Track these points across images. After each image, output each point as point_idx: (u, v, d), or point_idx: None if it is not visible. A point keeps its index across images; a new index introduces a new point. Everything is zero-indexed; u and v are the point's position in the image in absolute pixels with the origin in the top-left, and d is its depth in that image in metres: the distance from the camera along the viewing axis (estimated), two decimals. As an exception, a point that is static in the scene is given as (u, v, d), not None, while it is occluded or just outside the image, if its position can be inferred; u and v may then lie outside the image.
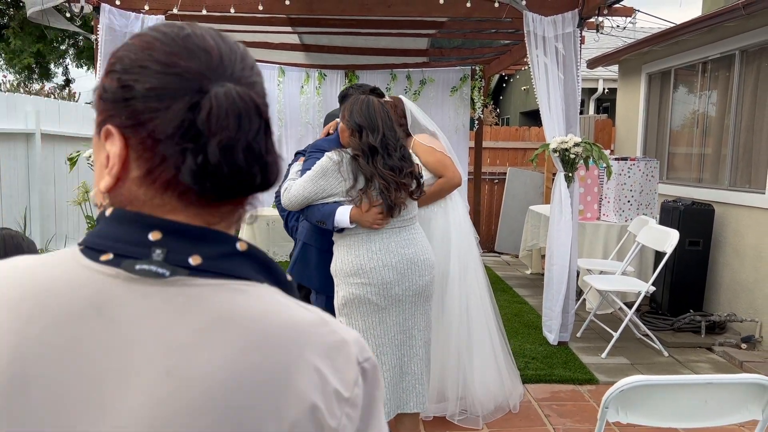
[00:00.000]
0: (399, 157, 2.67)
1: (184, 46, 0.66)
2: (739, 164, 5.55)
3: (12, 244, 2.05)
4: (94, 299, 0.62)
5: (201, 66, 0.65)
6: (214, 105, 0.63)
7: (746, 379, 1.78)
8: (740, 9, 4.89)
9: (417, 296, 2.74)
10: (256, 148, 0.65)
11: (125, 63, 0.66)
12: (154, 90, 0.64)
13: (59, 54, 13.38)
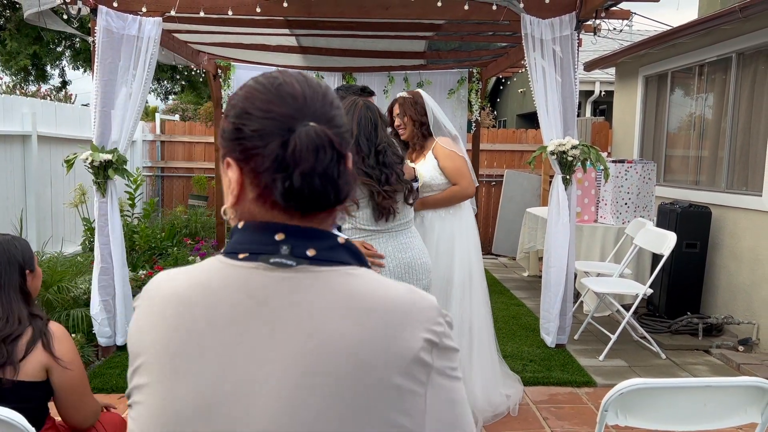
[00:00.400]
0: (372, 164, 2.57)
1: (277, 94, 0.86)
2: (735, 167, 5.56)
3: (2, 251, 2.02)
4: (243, 285, 0.85)
5: (290, 110, 0.85)
6: (297, 143, 0.83)
7: (745, 382, 1.78)
8: (737, 12, 4.90)
9: None
10: (330, 174, 0.84)
11: (236, 110, 0.87)
12: (257, 132, 0.85)
13: (56, 56, 13.35)
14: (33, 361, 1.92)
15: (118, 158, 4.38)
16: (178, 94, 17.22)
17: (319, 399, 0.80)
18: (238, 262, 0.87)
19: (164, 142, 10.06)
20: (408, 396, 0.83)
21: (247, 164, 0.86)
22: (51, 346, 1.95)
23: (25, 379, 1.91)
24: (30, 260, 2.07)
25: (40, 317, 2.00)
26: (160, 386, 0.84)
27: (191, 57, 6.65)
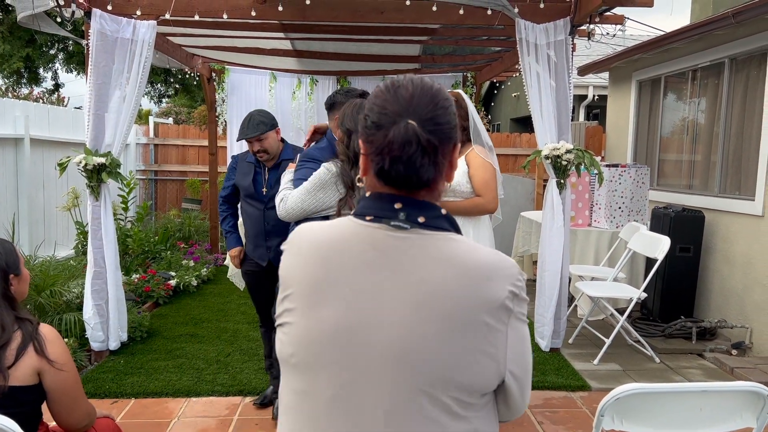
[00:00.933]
0: None
1: (394, 94, 1.11)
2: (728, 171, 5.59)
3: None
4: (369, 239, 1.12)
5: (399, 108, 1.09)
6: (392, 136, 1.08)
7: (741, 386, 1.79)
8: (729, 17, 4.93)
9: None
10: (413, 163, 1.09)
11: (368, 105, 1.14)
12: (374, 123, 1.11)
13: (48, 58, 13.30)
14: (24, 366, 1.90)
15: (111, 162, 4.36)
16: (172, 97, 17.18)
17: (428, 328, 1.06)
18: (365, 222, 1.15)
19: (158, 145, 10.03)
20: (494, 331, 1.10)
21: (367, 147, 1.14)
22: (44, 349, 1.93)
23: (16, 384, 1.89)
24: (14, 264, 2.03)
25: (29, 321, 1.97)
26: (307, 310, 1.12)
27: (185, 60, 6.63)
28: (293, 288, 1.15)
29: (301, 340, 1.12)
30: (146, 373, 4.21)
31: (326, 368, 1.10)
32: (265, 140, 3.52)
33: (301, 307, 1.13)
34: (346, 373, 1.09)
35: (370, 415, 1.08)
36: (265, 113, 3.61)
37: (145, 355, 4.55)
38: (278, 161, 3.61)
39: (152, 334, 5.01)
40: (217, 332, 5.17)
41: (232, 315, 5.69)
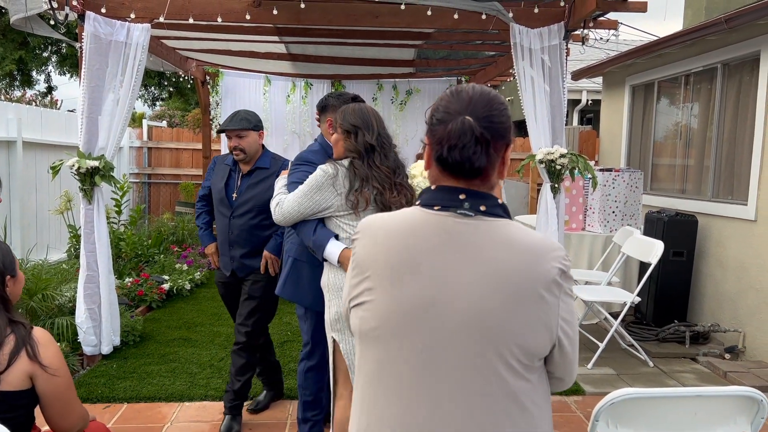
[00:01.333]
0: (394, 158, 2.66)
1: (457, 97, 1.32)
2: (721, 176, 5.62)
3: None
4: (440, 225, 1.30)
5: (460, 107, 1.30)
6: (451, 127, 1.28)
7: (735, 391, 1.79)
8: (722, 23, 4.96)
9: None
10: (467, 152, 1.28)
11: (435, 106, 1.35)
12: (439, 120, 1.31)
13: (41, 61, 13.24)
14: (17, 371, 1.88)
15: (105, 165, 4.35)
16: (166, 100, 17.14)
17: (495, 300, 1.26)
18: (432, 211, 1.34)
19: (151, 148, 10.00)
20: (547, 303, 1.29)
21: (430, 139, 1.34)
22: (36, 354, 1.90)
23: (9, 389, 1.87)
24: (10, 265, 2.01)
25: (23, 324, 1.94)
26: (389, 288, 1.31)
27: (179, 63, 6.62)
28: (371, 270, 1.35)
29: (383, 314, 1.31)
30: (139, 377, 4.19)
31: (408, 337, 1.29)
32: (244, 138, 3.42)
33: (382, 285, 1.32)
34: (427, 340, 1.28)
35: (447, 375, 1.27)
36: (253, 114, 3.54)
37: (138, 359, 4.52)
38: (253, 168, 3.50)
39: (145, 338, 4.98)
40: (211, 336, 5.15)
41: (226, 319, 5.67)
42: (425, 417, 1.27)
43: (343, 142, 2.64)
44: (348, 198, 2.56)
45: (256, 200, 3.45)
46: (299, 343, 4.83)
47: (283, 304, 6.07)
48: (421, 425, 1.27)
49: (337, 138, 2.67)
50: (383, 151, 2.61)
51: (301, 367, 3.04)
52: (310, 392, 3.04)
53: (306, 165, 2.88)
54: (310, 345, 2.99)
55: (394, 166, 2.64)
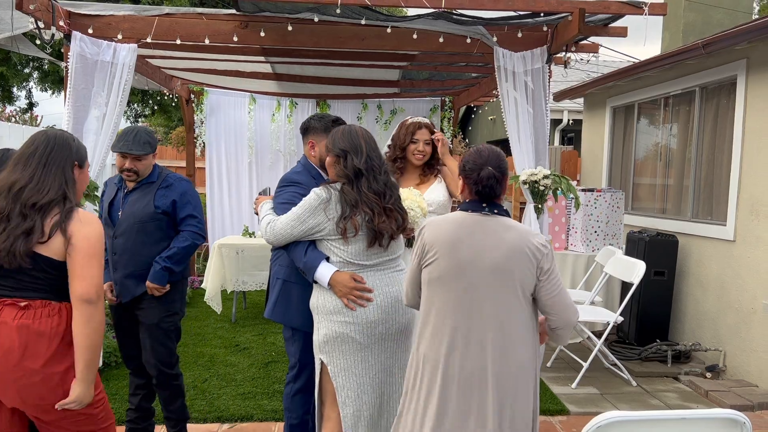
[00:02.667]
0: (384, 181, 2.65)
1: (479, 154, 2.31)
2: (701, 196, 5.72)
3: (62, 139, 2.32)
4: (473, 219, 2.29)
5: (482, 161, 2.29)
6: (482, 174, 2.27)
7: (719, 414, 1.82)
8: (700, 48, 5.09)
9: (399, 333, 2.72)
10: (492, 187, 2.28)
11: (465, 160, 2.34)
12: (471, 169, 2.30)
13: (23, 77, 13.14)
14: (57, 240, 2.15)
15: (89, 184, 4.32)
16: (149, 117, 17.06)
17: (505, 257, 2.20)
18: (468, 213, 2.29)
19: (134, 166, 9.93)
20: (531, 259, 2.22)
21: (465, 180, 2.31)
22: (68, 227, 2.16)
23: (48, 255, 2.15)
24: (81, 158, 2.35)
25: (71, 202, 2.22)
26: (447, 254, 2.24)
27: (164, 82, 6.62)
28: (437, 245, 2.27)
29: (445, 267, 2.25)
30: (121, 399, 4.13)
31: (460, 280, 2.23)
32: (142, 161, 3.20)
33: (444, 253, 2.26)
34: (469, 282, 2.23)
35: (482, 302, 2.22)
36: (152, 135, 3.30)
37: (120, 380, 4.47)
38: (138, 183, 3.25)
39: (127, 359, 4.92)
40: (194, 357, 5.10)
41: (210, 339, 5.63)
42: (470, 324, 2.22)
43: (334, 167, 2.65)
44: (338, 225, 2.57)
45: (136, 216, 3.19)
46: (284, 364, 4.81)
47: (268, 324, 6.04)
48: (468, 328, 2.22)
49: (329, 162, 2.69)
50: (372, 174, 2.61)
51: (288, 390, 3.03)
52: (296, 415, 3.02)
53: (293, 186, 2.92)
54: (297, 367, 2.98)
55: (383, 189, 2.64)
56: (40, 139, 2.28)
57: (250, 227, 6.87)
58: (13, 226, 2.14)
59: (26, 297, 2.16)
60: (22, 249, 2.11)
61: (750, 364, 4.85)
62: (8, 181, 2.20)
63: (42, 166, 2.22)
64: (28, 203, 2.15)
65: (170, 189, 3.25)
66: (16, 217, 2.14)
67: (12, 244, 2.12)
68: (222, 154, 7.80)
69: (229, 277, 6.24)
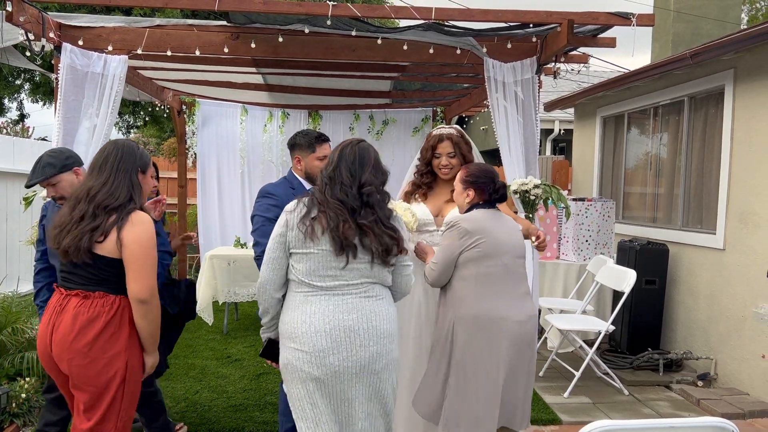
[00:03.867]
0: (354, 195, 2.44)
1: (484, 170, 3.11)
2: (690, 206, 5.75)
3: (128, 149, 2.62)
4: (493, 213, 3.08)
5: (491, 175, 3.09)
6: (498, 184, 3.08)
7: (707, 422, 1.83)
8: (688, 58, 5.14)
9: (360, 368, 2.44)
10: (504, 193, 3.10)
11: (476, 175, 3.08)
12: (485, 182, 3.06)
13: (14, 89, 13.11)
14: (110, 240, 2.44)
15: (79, 196, 4.30)
16: (141, 128, 17.04)
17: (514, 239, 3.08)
18: (486, 210, 3.06)
19: (126, 177, 9.90)
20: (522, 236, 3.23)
21: (479, 189, 3.06)
22: (122, 228, 2.44)
23: (103, 253, 2.44)
24: (144, 165, 2.65)
25: (135, 204, 2.53)
26: (488, 238, 2.96)
27: (156, 93, 6.62)
28: (480, 232, 2.94)
29: (490, 245, 2.94)
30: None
31: (500, 256, 2.95)
32: (58, 184, 3.03)
33: (485, 239, 2.93)
34: (503, 258, 2.97)
35: (509, 266, 2.98)
36: (57, 153, 3.11)
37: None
38: None
39: (118, 371, 4.89)
40: (185, 369, 5.07)
41: (200, 351, 5.60)
42: (509, 298, 2.97)
43: None
44: (303, 223, 2.43)
45: None
46: (276, 376, 4.79)
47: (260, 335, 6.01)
48: (509, 300, 2.96)
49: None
50: (339, 186, 2.45)
51: (283, 396, 3.01)
52: (289, 419, 3.01)
53: (266, 198, 3.10)
54: None
55: (347, 201, 2.44)
56: (110, 148, 2.59)
57: (242, 238, 6.85)
58: (84, 225, 2.44)
59: (88, 290, 2.46)
60: (85, 246, 2.41)
61: (741, 372, 4.87)
62: (86, 187, 2.52)
63: (113, 173, 2.52)
64: (101, 205, 2.46)
65: None
66: (89, 218, 2.45)
67: (79, 240, 2.41)
68: (213, 165, 7.78)
69: (220, 288, 6.22)
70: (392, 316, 2.56)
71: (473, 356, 2.90)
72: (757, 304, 4.73)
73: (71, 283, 2.50)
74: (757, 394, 4.67)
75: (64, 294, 2.51)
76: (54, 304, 2.52)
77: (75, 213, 2.48)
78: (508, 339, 2.88)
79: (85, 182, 2.55)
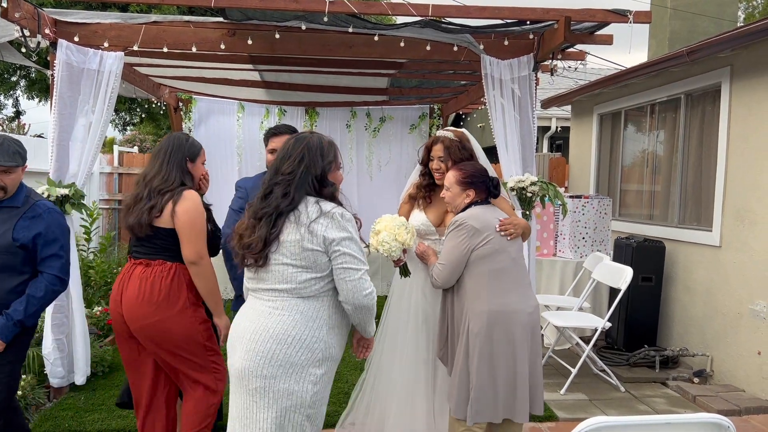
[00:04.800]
0: (262, 196, 2.36)
1: (480, 170, 3.20)
2: (687, 203, 5.76)
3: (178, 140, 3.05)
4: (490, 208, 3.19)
5: (485, 173, 3.19)
6: (494, 181, 3.18)
7: (703, 418, 1.83)
8: (684, 55, 5.14)
9: (238, 378, 2.33)
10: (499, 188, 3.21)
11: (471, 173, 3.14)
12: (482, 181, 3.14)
13: (9, 86, 13.06)
14: (166, 213, 2.85)
15: (75, 193, 4.30)
16: (137, 125, 16.99)
17: None
18: (484, 205, 3.14)
19: (122, 174, 9.89)
20: None
21: (477, 187, 3.11)
22: (176, 202, 2.85)
23: (161, 225, 2.87)
24: (192, 154, 3.04)
25: (186, 186, 2.94)
26: (495, 234, 3.05)
27: (152, 90, 6.60)
28: (488, 229, 3.02)
29: (497, 242, 3.03)
30: (108, 410, 4.09)
31: (507, 250, 3.06)
32: (11, 174, 2.81)
33: (493, 233, 3.03)
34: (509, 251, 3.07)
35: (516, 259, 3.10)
36: (22, 145, 2.91)
37: (107, 390, 4.43)
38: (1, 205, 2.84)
39: (114, 368, 4.88)
40: (182, 366, 5.06)
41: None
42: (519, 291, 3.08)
43: None
44: None
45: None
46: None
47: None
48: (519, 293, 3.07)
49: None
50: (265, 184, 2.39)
51: None
52: None
53: (236, 191, 3.65)
54: None
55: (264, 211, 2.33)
56: (165, 141, 3.03)
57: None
58: (143, 204, 2.85)
59: (150, 258, 2.89)
60: (146, 221, 2.83)
61: (737, 369, 4.88)
62: (143, 173, 2.97)
63: (165, 161, 2.94)
64: (155, 189, 2.88)
65: (36, 220, 2.85)
66: (146, 198, 2.87)
67: (140, 217, 2.83)
68: (210, 162, 7.74)
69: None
70: (293, 332, 2.27)
71: (492, 350, 2.98)
72: (754, 300, 4.74)
73: (138, 253, 2.93)
74: (753, 390, 4.69)
75: (133, 263, 2.93)
76: (123, 273, 2.93)
77: (136, 195, 2.91)
78: (520, 330, 3.01)
79: (144, 169, 2.99)
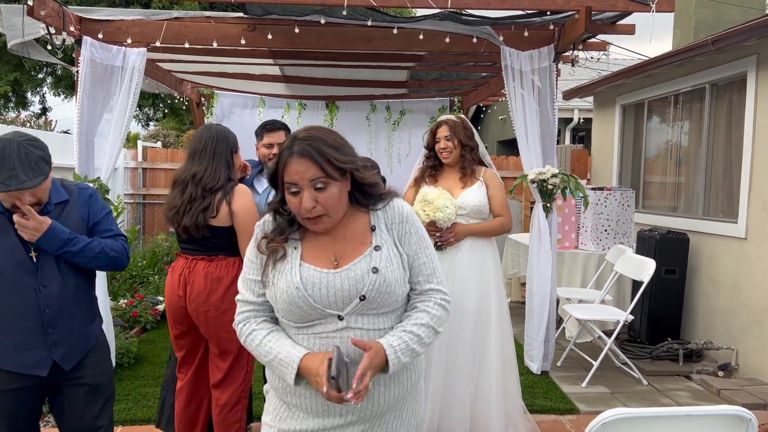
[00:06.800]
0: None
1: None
2: (711, 194, 5.68)
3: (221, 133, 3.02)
4: None
5: None
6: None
7: (725, 410, 1.81)
8: (709, 44, 5.05)
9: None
10: None
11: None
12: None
13: (36, 83, 13.29)
14: (222, 212, 2.85)
15: (100, 187, 4.37)
16: (160, 120, 17.19)
17: None
18: None
19: (146, 169, 10.03)
20: None
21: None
22: (231, 201, 2.86)
23: (218, 224, 2.87)
24: (236, 146, 3.04)
25: (234, 181, 2.94)
26: None
27: (175, 85, 6.67)
28: None
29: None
30: (134, 399, 4.18)
31: None
32: (39, 188, 2.25)
33: None
34: None
35: None
36: (40, 144, 2.30)
37: (133, 381, 4.51)
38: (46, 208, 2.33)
39: (140, 360, 4.97)
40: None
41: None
42: None
43: None
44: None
45: None
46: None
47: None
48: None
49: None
50: None
51: None
52: None
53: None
54: None
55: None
56: (206, 135, 2.96)
57: (261, 229, 6.90)
58: (197, 205, 2.83)
59: (210, 255, 2.90)
60: (201, 223, 2.83)
61: (763, 363, 4.81)
62: (190, 172, 2.88)
63: (212, 158, 2.89)
64: (206, 187, 2.84)
65: (93, 198, 2.47)
66: (198, 199, 2.84)
67: (197, 219, 2.82)
68: (232, 157, 7.84)
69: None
70: None
71: None
72: (780, 293, 4.67)
73: (193, 251, 2.93)
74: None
75: (190, 259, 2.94)
76: (182, 267, 2.94)
77: (185, 196, 2.86)
78: None
79: (189, 167, 2.90)
